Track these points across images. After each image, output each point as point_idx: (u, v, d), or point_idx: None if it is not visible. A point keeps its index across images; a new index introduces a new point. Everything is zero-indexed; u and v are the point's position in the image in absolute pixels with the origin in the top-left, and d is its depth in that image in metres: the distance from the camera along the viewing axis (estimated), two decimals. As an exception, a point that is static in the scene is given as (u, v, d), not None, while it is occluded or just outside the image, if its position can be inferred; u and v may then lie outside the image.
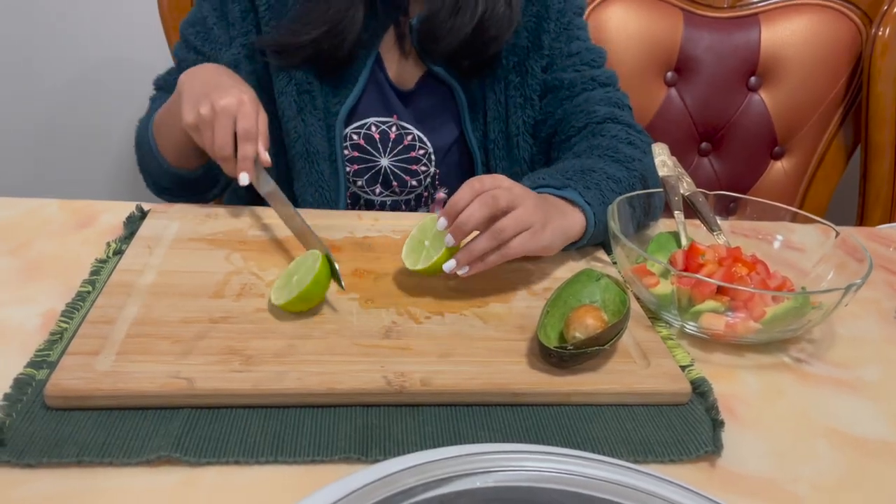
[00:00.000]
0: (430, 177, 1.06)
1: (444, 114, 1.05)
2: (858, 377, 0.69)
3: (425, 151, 1.04)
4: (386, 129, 1.02)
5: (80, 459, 0.51)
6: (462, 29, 0.94)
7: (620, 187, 0.86)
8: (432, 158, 1.05)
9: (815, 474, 0.57)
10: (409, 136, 1.03)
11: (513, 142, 1.03)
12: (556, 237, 0.77)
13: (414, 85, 1.03)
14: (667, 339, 0.70)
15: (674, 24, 1.43)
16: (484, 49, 0.97)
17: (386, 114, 1.02)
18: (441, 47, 0.97)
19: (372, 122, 1.02)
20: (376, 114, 1.02)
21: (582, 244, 0.83)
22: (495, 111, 1.03)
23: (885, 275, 0.90)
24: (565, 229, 0.78)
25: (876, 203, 1.47)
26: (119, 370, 0.57)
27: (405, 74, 1.03)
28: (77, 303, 0.67)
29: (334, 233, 0.85)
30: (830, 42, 1.43)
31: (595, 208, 0.81)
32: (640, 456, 0.56)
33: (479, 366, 0.62)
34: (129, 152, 1.77)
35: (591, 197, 0.81)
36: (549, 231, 0.75)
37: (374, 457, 0.53)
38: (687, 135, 1.49)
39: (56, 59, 1.67)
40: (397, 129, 1.03)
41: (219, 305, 0.68)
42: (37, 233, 0.81)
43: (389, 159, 1.03)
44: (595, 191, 0.82)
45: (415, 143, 1.03)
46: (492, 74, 1.02)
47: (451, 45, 0.96)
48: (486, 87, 1.02)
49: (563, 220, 0.78)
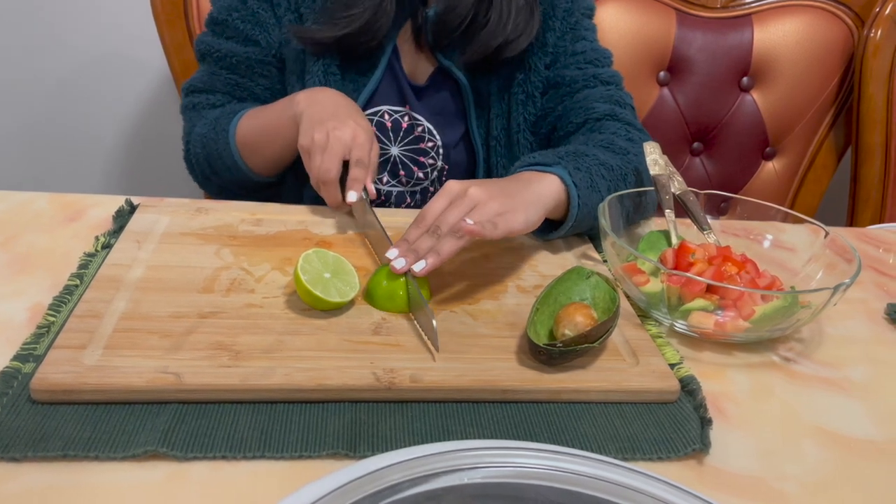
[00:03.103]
0: (437, 170, 1.07)
1: (452, 110, 1.06)
2: (846, 377, 0.69)
3: (434, 144, 1.05)
4: (398, 118, 1.03)
5: (65, 454, 0.50)
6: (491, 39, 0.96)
7: (612, 175, 0.86)
8: (440, 153, 1.06)
9: (803, 472, 0.57)
10: (420, 127, 1.04)
11: (514, 139, 1.04)
12: (529, 211, 0.74)
13: (426, 80, 1.05)
14: (656, 338, 0.70)
15: (667, 24, 1.44)
16: (502, 51, 0.99)
17: (399, 104, 1.04)
18: (459, 45, 0.99)
19: (385, 111, 1.03)
20: (391, 103, 1.03)
21: (566, 227, 0.82)
22: (499, 108, 1.04)
23: (873, 275, 0.91)
24: (537, 197, 0.77)
25: (866, 204, 1.48)
26: (106, 364, 0.57)
27: (418, 69, 1.05)
28: (64, 296, 0.67)
29: (327, 228, 0.84)
30: (822, 43, 1.44)
31: (581, 191, 0.81)
32: (628, 453, 0.56)
33: (468, 363, 0.62)
34: (120, 147, 1.78)
35: (579, 179, 0.81)
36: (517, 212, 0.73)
37: (362, 453, 0.53)
38: (679, 134, 1.49)
39: (48, 55, 1.66)
40: (409, 119, 1.04)
41: (208, 300, 0.67)
42: (26, 226, 0.81)
43: (399, 148, 1.04)
44: (585, 174, 0.82)
45: (425, 134, 1.05)
46: (497, 71, 1.03)
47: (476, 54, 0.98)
48: (491, 83, 1.04)
49: (532, 191, 0.77)
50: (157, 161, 1.78)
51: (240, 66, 1.02)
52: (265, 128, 0.95)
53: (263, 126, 0.95)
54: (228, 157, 0.97)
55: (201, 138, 1.00)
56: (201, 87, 1.04)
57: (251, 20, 0.99)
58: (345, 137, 0.83)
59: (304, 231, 0.83)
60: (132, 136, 1.77)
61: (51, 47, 1.65)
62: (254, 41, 1.00)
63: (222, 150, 0.97)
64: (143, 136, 1.77)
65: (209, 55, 1.02)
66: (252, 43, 1.00)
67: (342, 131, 0.83)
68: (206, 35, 1.04)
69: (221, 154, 0.97)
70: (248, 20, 1.00)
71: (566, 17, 1.03)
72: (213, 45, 1.02)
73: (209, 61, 1.03)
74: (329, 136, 0.83)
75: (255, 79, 1.03)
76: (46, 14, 1.61)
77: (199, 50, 1.04)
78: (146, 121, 1.75)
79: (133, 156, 1.79)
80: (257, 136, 0.95)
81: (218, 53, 1.01)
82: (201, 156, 1.00)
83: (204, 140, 0.99)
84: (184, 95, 1.07)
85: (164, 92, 1.69)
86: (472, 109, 1.05)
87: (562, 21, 1.03)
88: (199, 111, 1.03)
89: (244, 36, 1.00)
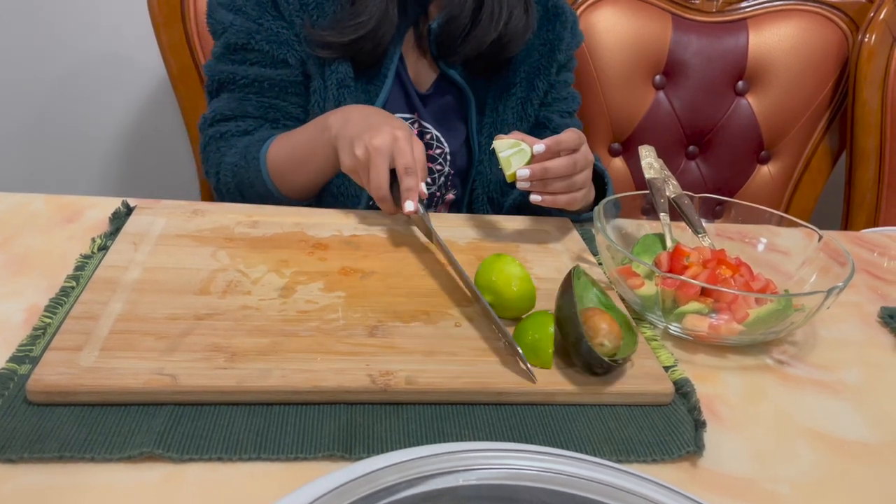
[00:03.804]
0: (444, 176, 1.08)
1: (455, 117, 1.08)
2: (839, 379, 0.70)
3: (441, 151, 1.06)
4: (409, 125, 1.03)
5: (61, 455, 0.50)
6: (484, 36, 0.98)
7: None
8: (448, 159, 1.07)
9: (796, 475, 0.57)
10: (428, 134, 1.05)
11: None
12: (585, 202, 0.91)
13: (429, 88, 1.06)
14: (651, 340, 0.71)
15: (663, 28, 1.44)
16: (500, 52, 1.01)
17: (408, 112, 1.05)
18: (460, 51, 1.00)
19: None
20: (401, 111, 1.04)
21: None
22: (493, 117, 1.06)
23: (867, 278, 0.91)
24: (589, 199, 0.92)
25: (860, 208, 1.48)
26: (102, 366, 0.57)
27: (422, 76, 1.06)
28: (61, 298, 0.67)
29: (322, 231, 0.85)
30: (817, 48, 1.44)
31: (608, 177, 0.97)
32: (622, 455, 0.56)
33: (463, 365, 0.63)
34: (117, 149, 1.78)
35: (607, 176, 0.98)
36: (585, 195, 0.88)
37: (357, 454, 0.54)
38: (674, 138, 1.49)
39: (45, 56, 1.66)
40: (418, 126, 1.05)
41: (204, 302, 0.67)
42: (22, 228, 0.81)
43: None
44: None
45: (433, 141, 1.06)
46: (500, 82, 1.05)
47: (471, 51, 0.99)
48: (492, 94, 1.06)
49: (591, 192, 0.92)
50: (153, 163, 1.78)
51: (272, 89, 0.99)
52: (298, 154, 0.93)
53: (296, 152, 0.94)
54: (261, 186, 0.95)
55: (232, 167, 0.98)
56: (229, 115, 1.01)
57: (275, 41, 0.97)
58: (384, 147, 0.81)
59: (301, 233, 0.83)
60: (129, 138, 1.77)
61: (47, 48, 1.65)
62: (283, 61, 0.98)
63: (254, 178, 0.95)
64: (140, 137, 1.77)
65: (232, 83, 1.00)
66: (282, 64, 0.98)
67: (380, 140, 0.81)
68: (222, 63, 1.00)
69: (254, 183, 0.96)
70: (273, 41, 0.97)
71: (567, 51, 1.10)
72: (237, 73, 0.99)
73: (233, 89, 1.00)
74: (368, 150, 0.81)
75: (289, 98, 1.01)
76: (46, 14, 1.61)
77: (217, 80, 1.01)
78: (143, 122, 1.75)
79: (130, 157, 1.79)
80: (290, 163, 0.94)
81: (244, 80, 0.99)
82: (232, 185, 0.98)
83: (235, 169, 0.97)
84: (207, 127, 1.03)
85: (161, 93, 1.69)
86: (473, 115, 1.06)
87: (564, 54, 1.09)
88: (229, 140, 1.01)
89: (272, 58, 0.98)
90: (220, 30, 0.99)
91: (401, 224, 0.88)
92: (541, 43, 1.06)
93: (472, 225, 0.91)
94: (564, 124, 1.10)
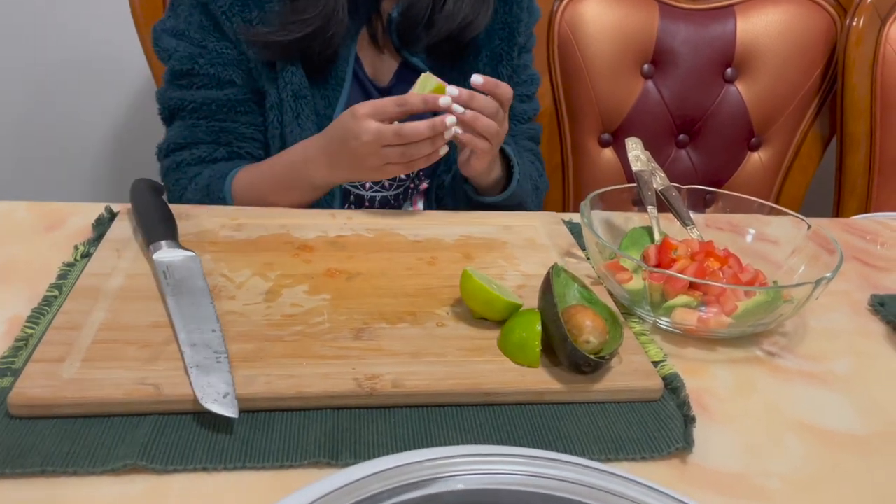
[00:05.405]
0: None
1: None
2: (830, 370, 0.70)
3: None
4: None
5: (43, 469, 0.50)
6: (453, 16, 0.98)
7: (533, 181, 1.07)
8: None
9: (786, 468, 0.57)
10: None
11: None
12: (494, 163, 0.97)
13: (390, 80, 1.04)
14: (640, 335, 0.70)
15: (650, 17, 1.43)
16: (463, 34, 1.00)
17: None
18: (423, 36, 0.99)
19: None
20: None
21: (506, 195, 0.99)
22: None
23: (858, 266, 0.91)
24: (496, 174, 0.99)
25: (852, 194, 1.48)
26: (84, 377, 0.56)
27: (381, 71, 1.04)
28: (43, 308, 0.66)
29: (307, 232, 0.84)
30: (805, 33, 1.44)
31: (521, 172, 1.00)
32: (611, 454, 0.56)
33: (450, 366, 0.62)
34: (100, 153, 1.76)
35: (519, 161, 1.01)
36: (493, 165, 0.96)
37: (344, 460, 0.53)
38: (664, 127, 1.49)
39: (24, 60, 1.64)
40: None
41: (188, 309, 0.67)
42: (4, 236, 0.80)
43: None
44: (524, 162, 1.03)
45: None
46: (463, 67, 1.04)
47: (438, 34, 0.99)
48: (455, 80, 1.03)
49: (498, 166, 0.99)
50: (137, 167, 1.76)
51: (221, 110, 0.99)
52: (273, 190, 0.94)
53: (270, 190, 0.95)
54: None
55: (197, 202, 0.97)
56: (182, 143, 1.01)
57: (220, 62, 0.97)
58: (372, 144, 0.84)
59: (286, 235, 0.83)
60: (112, 142, 1.75)
61: (27, 52, 1.64)
62: (229, 81, 0.98)
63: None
64: (123, 141, 1.75)
65: (182, 109, 1.00)
66: (228, 84, 0.98)
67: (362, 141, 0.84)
68: (170, 91, 1.00)
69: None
70: (217, 63, 0.97)
71: (526, 30, 1.08)
72: (184, 99, 0.99)
73: (183, 115, 1.00)
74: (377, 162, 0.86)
75: (239, 118, 1.00)
76: (27, 18, 1.60)
77: (167, 107, 1.01)
78: (125, 126, 1.74)
79: (113, 162, 1.78)
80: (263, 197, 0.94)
81: (193, 105, 0.98)
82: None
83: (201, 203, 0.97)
84: (163, 157, 1.03)
85: (144, 96, 1.68)
86: None
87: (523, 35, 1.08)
88: (184, 169, 1.01)
89: (217, 80, 0.97)
90: (166, 56, 0.99)
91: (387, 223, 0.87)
92: (500, 27, 1.05)
93: (460, 221, 0.90)
94: (522, 109, 1.12)
